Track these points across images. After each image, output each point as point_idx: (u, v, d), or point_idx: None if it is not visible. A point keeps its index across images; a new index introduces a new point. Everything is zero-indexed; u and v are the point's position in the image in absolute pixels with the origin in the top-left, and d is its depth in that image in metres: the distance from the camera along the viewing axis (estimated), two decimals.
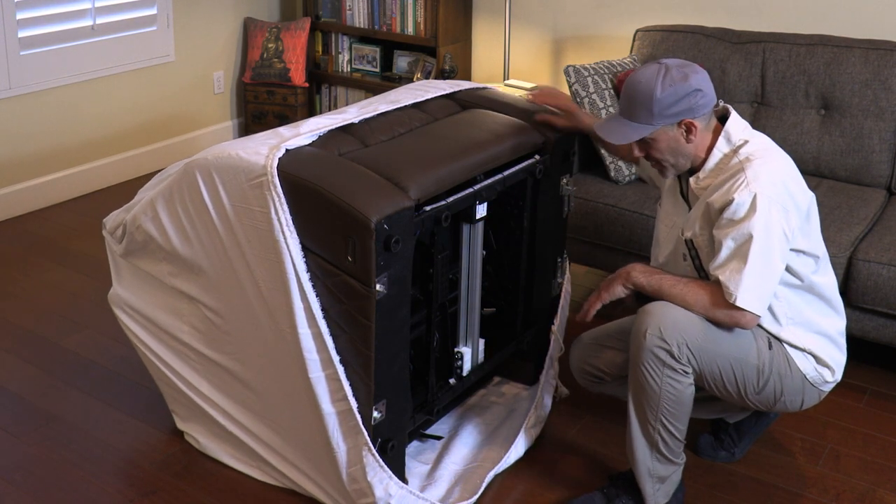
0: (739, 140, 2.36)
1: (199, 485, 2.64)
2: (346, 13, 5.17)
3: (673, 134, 2.34)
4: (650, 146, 2.38)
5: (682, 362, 2.31)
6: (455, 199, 2.48)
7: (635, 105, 2.34)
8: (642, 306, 2.39)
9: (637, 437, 2.42)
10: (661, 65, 2.33)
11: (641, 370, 2.34)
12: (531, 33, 4.82)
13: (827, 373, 2.46)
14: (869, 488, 2.71)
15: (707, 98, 2.33)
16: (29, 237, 4.21)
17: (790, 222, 2.28)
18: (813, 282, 2.41)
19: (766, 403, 2.46)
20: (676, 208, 2.50)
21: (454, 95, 2.96)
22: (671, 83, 2.29)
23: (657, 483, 2.46)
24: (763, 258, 2.24)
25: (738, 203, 2.25)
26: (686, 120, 2.32)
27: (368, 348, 2.28)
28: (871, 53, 3.58)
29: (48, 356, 3.27)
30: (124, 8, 4.65)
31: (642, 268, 2.44)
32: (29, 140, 4.41)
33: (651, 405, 2.36)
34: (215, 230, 2.44)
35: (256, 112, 5.27)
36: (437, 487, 2.60)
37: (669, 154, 2.38)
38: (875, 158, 3.55)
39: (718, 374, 2.36)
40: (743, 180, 2.27)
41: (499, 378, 3.10)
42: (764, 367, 2.39)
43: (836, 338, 2.50)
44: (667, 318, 2.30)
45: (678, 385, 2.33)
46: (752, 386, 2.40)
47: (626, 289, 2.45)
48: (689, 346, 2.30)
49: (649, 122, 2.32)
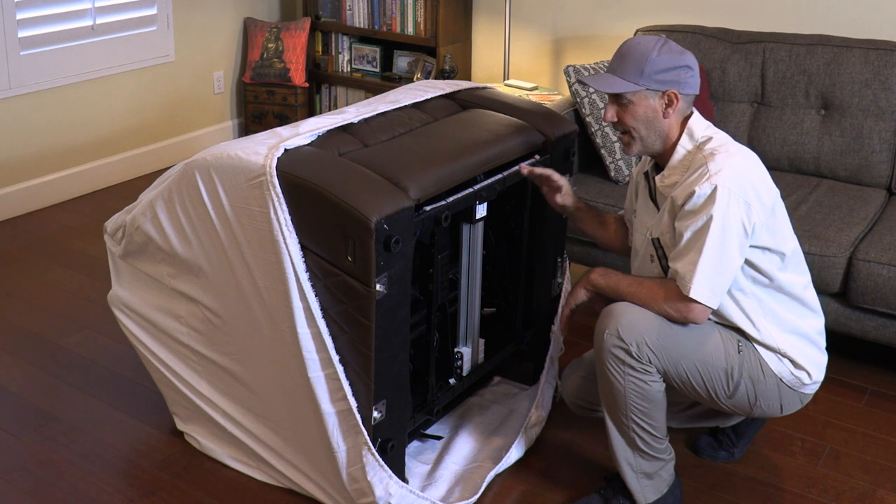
0: (702, 137, 2.37)
1: (199, 485, 2.64)
2: (346, 13, 5.17)
3: (653, 103, 2.34)
4: (627, 109, 2.36)
5: (641, 361, 2.31)
6: (455, 199, 2.48)
7: (627, 62, 2.34)
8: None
9: (615, 436, 2.43)
10: (661, 37, 2.38)
11: (604, 371, 2.36)
12: (531, 33, 4.82)
13: (804, 375, 2.43)
14: (869, 488, 2.70)
15: (694, 80, 2.36)
16: (29, 237, 4.21)
17: (751, 216, 2.27)
18: (782, 281, 2.39)
19: (742, 408, 2.45)
20: (648, 213, 2.49)
21: (454, 95, 2.96)
22: (668, 51, 2.33)
23: (644, 479, 2.46)
24: (719, 250, 2.24)
25: (699, 195, 2.25)
26: (670, 91, 2.33)
27: (368, 348, 2.28)
28: (871, 53, 3.58)
29: (48, 356, 3.27)
30: (124, 8, 4.65)
31: (602, 270, 2.45)
32: (29, 140, 4.41)
33: (619, 404, 2.37)
34: (214, 231, 2.44)
35: (256, 112, 5.27)
36: (437, 487, 2.60)
37: (643, 124, 2.36)
38: (875, 158, 3.55)
39: (685, 375, 2.36)
40: (705, 173, 2.27)
41: (499, 378, 3.10)
42: (733, 371, 2.37)
43: (814, 337, 2.48)
44: (624, 318, 2.31)
45: (641, 383, 2.34)
46: (721, 389, 2.38)
47: (588, 292, 2.45)
48: (648, 344, 2.30)
49: (636, 82, 2.33)
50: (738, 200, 2.24)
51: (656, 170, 2.45)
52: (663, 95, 2.34)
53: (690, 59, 2.36)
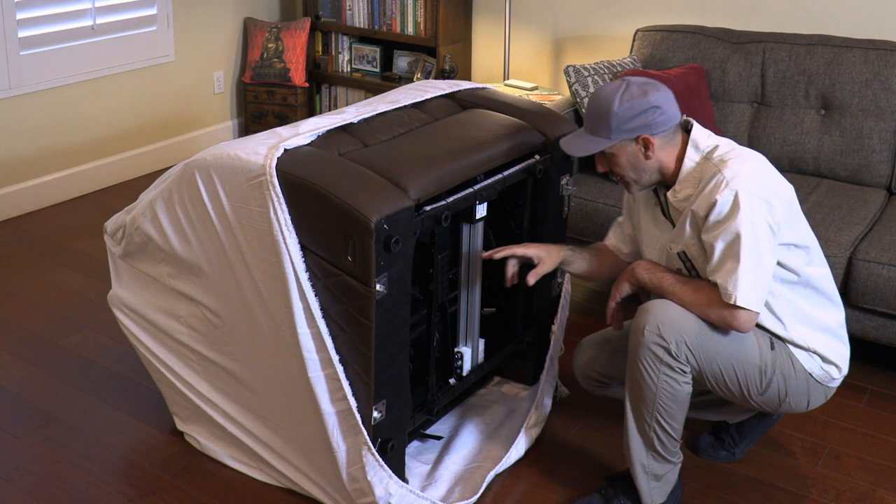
0: (707, 146, 2.38)
1: (199, 485, 2.64)
2: (346, 13, 5.17)
3: (632, 149, 2.37)
4: (611, 161, 2.42)
5: (679, 360, 2.31)
6: (455, 199, 2.48)
7: (596, 119, 2.38)
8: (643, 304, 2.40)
9: (633, 435, 2.43)
10: (624, 81, 2.37)
11: (639, 367, 2.35)
12: (531, 33, 4.82)
13: (833, 370, 2.47)
14: (869, 488, 2.70)
15: (666, 116, 2.35)
16: (29, 237, 4.21)
17: (775, 215, 2.28)
18: (809, 275, 2.41)
19: (770, 405, 2.46)
20: (660, 229, 2.50)
21: (454, 95, 2.96)
22: (629, 98, 2.33)
23: (653, 481, 2.47)
24: (754, 254, 2.25)
25: (721, 203, 2.26)
26: (643, 136, 2.34)
27: (368, 348, 2.28)
28: (871, 53, 3.58)
29: (48, 356, 3.27)
30: (124, 8, 4.65)
31: (647, 265, 2.46)
32: (29, 140, 4.41)
33: (647, 403, 2.37)
34: (214, 231, 2.44)
35: (256, 112, 5.27)
36: (437, 487, 2.60)
37: (630, 170, 2.40)
38: (875, 158, 3.55)
39: (720, 373, 2.37)
40: (722, 181, 2.28)
41: (499, 378, 3.10)
42: (766, 368, 2.39)
43: (837, 331, 2.50)
44: (665, 316, 2.31)
45: (674, 383, 2.34)
46: (755, 387, 2.40)
47: (632, 286, 2.47)
48: (688, 343, 2.31)
49: (608, 137, 2.36)
50: (760, 202, 2.26)
51: (664, 187, 2.45)
52: (638, 140, 2.36)
53: (654, 96, 2.34)
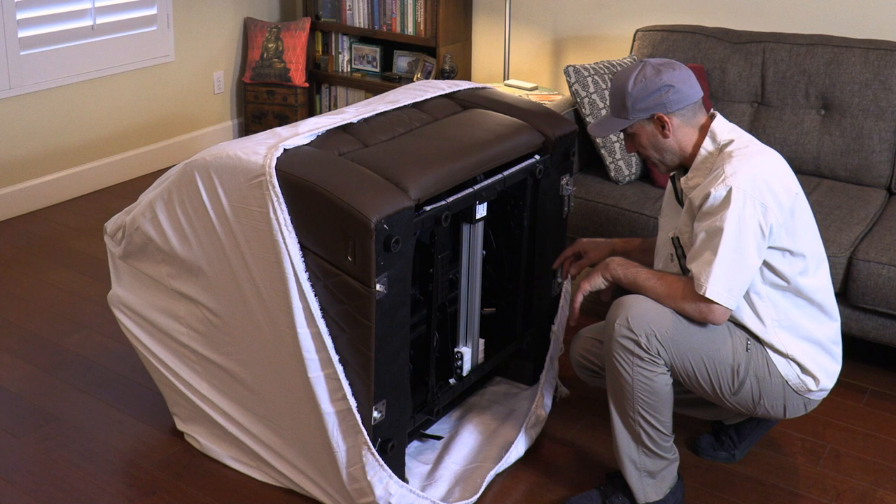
0: (724, 139, 2.42)
1: (199, 485, 2.64)
2: (346, 13, 5.17)
3: (650, 129, 2.43)
4: (634, 140, 2.48)
5: (650, 353, 2.33)
6: (455, 199, 2.48)
7: (615, 101, 2.46)
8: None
9: (619, 429, 2.44)
10: (642, 62, 2.44)
11: (612, 361, 2.37)
12: (531, 33, 4.82)
13: (811, 381, 2.44)
14: (869, 488, 2.70)
15: (681, 94, 2.39)
16: (29, 237, 4.21)
17: (768, 218, 2.28)
18: (800, 284, 2.40)
19: (745, 406, 2.45)
20: (674, 213, 2.53)
21: (454, 95, 2.96)
22: (642, 79, 2.39)
23: (647, 477, 2.47)
24: (734, 251, 2.26)
25: (714, 196, 2.28)
26: (658, 114, 2.40)
27: (368, 348, 2.28)
28: (871, 53, 3.58)
29: (48, 356, 3.27)
30: (124, 8, 4.65)
31: (620, 261, 2.49)
32: (29, 140, 4.41)
33: (626, 396, 2.38)
34: (214, 231, 2.44)
35: (256, 112, 5.27)
36: (437, 487, 2.60)
37: (652, 149, 2.46)
38: (875, 158, 3.55)
39: (691, 369, 2.37)
40: (720, 175, 2.30)
41: (499, 378, 3.10)
42: (739, 368, 2.39)
43: (827, 345, 2.47)
44: (635, 309, 2.34)
45: (650, 374, 2.35)
46: (727, 385, 2.40)
47: (606, 280, 2.49)
48: (658, 336, 2.32)
49: (625, 117, 2.43)
50: (753, 202, 2.26)
51: (683, 171, 2.49)
52: (654, 119, 2.41)
53: (668, 75, 2.38)
